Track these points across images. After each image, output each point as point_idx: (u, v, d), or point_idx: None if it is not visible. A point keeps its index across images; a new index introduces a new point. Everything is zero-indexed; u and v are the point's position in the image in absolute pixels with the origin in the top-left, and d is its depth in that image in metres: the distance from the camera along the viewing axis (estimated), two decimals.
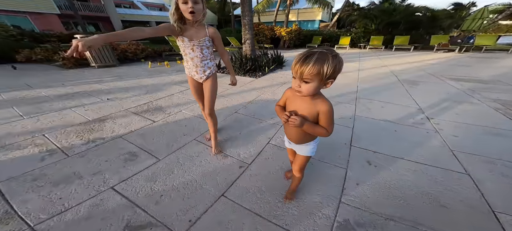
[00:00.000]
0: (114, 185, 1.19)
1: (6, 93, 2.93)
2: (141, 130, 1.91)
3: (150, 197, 1.12)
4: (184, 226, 0.95)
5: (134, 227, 0.94)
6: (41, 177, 1.25)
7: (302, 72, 0.70)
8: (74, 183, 1.20)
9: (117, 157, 1.47)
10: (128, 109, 2.40)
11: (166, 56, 7.76)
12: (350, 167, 1.40)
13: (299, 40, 12.00)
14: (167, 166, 1.39)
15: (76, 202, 1.06)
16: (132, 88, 3.33)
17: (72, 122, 2.05)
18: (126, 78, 4.10)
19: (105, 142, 1.67)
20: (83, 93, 3.02)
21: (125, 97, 2.83)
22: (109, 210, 1.02)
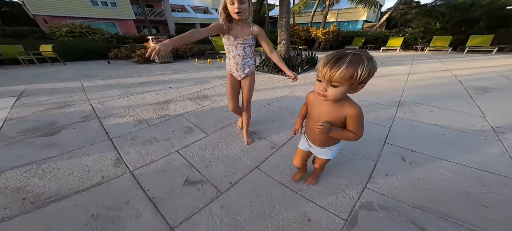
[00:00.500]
0: (178, 149, 1.51)
1: (107, 80, 3.89)
2: (194, 111, 2.27)
3: (202, 161, 1.38)
4: (226, 186, 1.16)
5: (191, 181, 1.20)
6: (135, 137, 1.69)
7: (331, 76, 0.61)
8: (154, 144, 1.58)
9: (179, 129, 1.83)
10: (184, 95, 2.85)
11: (208, 54, 8.51)
12: (380, 161, 1.36)
13: (336, 41, 10.87)
14: (213, 140, 1.65)
15: (156, 158, 1.42)
16: (185, 80, 3.89)
17: (149, 101, 2.60)
18: (180, 72, 4.77)
19: (171, 118, 2.09)
20: (153, 82, 3.71)
21: (181, 87, 3.34)
22: (175, 167, 1.33)
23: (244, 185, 1.17)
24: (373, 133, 1.73)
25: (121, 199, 1.06)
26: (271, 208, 1.02)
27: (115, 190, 1.12)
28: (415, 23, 10.00)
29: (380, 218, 0.96)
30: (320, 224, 0.94)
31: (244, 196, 1.09)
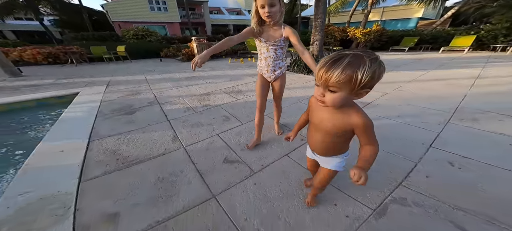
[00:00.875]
0: (219, 133, 1.73)
1: (162, 74, 4.59)
2: (230, 103, 2.49)
3: (238, 145, 1.55)
4: (259, 167, 1.28)
5: (229, 160, 1.37)
6: (185, 121, 2.01)
7: (327, 80, 0.53)
8: (199, 128, 1.85)
9: (219, 117, 2.07)
10: (221, 89, 3.13)
11: (241, 54, 8.85)
12: (422, 163, 1.27)
13: (379, 42, 9.31)
14: (247, 128, 1.80)
15: (202, 139, 1.66)
16: (221, 76, 4.22)
17: (194, 93, 2.99)
18: (216, 69, 5.17)
19: (211, 107, 2.36)
20: (196, 77, 4.17)
21: (218, 82, 3.66)
22: (216, 147, 1.53)
23: (274, 168, 1.28)
24: (416, 136, 1.59)
25: (178, 168, 1.31)
26: (298, 190, 1.10)
27: (173, 160, 1.39)
28: (496, 18, 7.58)
29: (413, 213, 0.93)
30: (346, 209, 0.97)
31: (274, 177, 1.20)
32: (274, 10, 1.05)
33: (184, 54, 7.85)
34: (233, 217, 0.94)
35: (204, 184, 1.16)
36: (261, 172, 1.25)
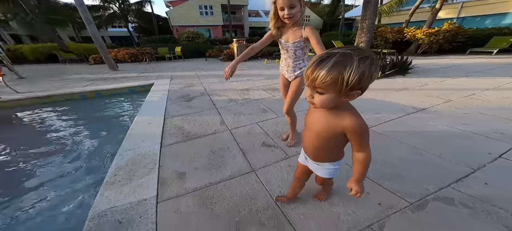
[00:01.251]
0: (258, 122, 1.92)
1: (208, 71, 5.22)
2: (268, 98, 2.66)
3: (275, 133, 1.68)
4: (293, 153, 1.38)
5: (266, 144, 1.52)
6: (230, 109, 2.29)
7: (313, 80, 0.49)
8: (241, 115, 2.09)
9: (257, 109, 2.27)
10: (258, 86, 3.35)
11: (276, 55, 8.94)
12: (482, 170, 1.13)
13: (452, 43, 7.08)
14: (283, 120, 1.92)
15: (243, 124, 1.88)
16: (258, 75, 4.45)
17: (235, 88, 3.31)
18: (253, 69, 5.45)
19: (251, 100, 2.60)
20: (236, 75, 4.51)
21: (255, 80, 3.91)
22: (256, 133, 1.71)
23: None
24: (481, 145, 1.38)
25: (225, 145, 1.56)
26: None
27: (222, 139, 1.65)
28: None
29: (459, 212, 0.87)
30: (380, 198, 0.97)
31: None
32: (293, 11, 0.99)
33: (225, 54, 8.60)
34: (269, 188, 1.08)
35: (245, 160, 1.35)
36: (295, 157, 1.35)
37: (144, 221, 0.89)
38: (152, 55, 8.94)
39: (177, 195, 1.06)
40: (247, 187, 1.11)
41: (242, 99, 2.67)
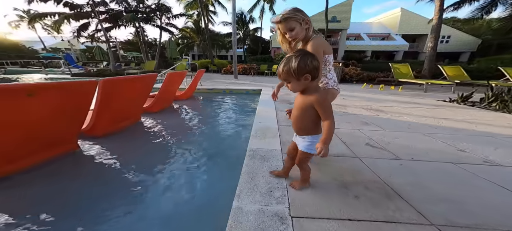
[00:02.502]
0: (358, 129, 2.14)
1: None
2: (369, 115, 2.75)
3: (382, 140, 1.80)
4: (407, 157, 1.44)
5: (370, 145, 1.70)
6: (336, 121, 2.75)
7: (280, 74, 0.82)
8: (340, 122, 2.39)
9: (357, 121, 2.46)
10: (356, 105, 3.45)
11: (381, 81, 7.89)
12: None
13: None
14: (393, 135, 1.97)
15: (342, 128, 2.18)
16: (354, 96, 4.53)
17: (335, 104, 3.60)
18: (347, 90, 5.46)
19: (348, 114, 2.85)
20: None
21: (352, 99, 4.03)
22: (358, 136, 1.93)
23: (426, 165, 1.37)
24: None
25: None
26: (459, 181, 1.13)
27: None
28: None
29: None
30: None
31: (423, 165, 1.33)
32: (294, 33, 1.07)
33: None
34: (375, 171, 1.29)
35: (349, 149, 1.64)
36: (409, 161, 1.43)
37: (276, 159, 1.51)
38: (256, 70, 11.93)
39: None
40: (351, 163, 1.39)
41: (338, 112, 2.96)
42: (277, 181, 1.16)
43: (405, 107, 3.48)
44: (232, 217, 0.87)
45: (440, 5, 8.07)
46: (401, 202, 1.00)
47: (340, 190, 1.10)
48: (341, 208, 0.95)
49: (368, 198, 1.02)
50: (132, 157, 1.75)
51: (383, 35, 23.64)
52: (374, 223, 0.86)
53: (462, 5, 9.39)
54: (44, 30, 20.81)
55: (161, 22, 14.99)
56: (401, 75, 7.27)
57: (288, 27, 1.06)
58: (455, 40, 21.62)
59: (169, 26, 15.79)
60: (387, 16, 25.17)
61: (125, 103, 2.27)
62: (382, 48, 21.97)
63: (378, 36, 23.79)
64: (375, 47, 22.07)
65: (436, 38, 8.47)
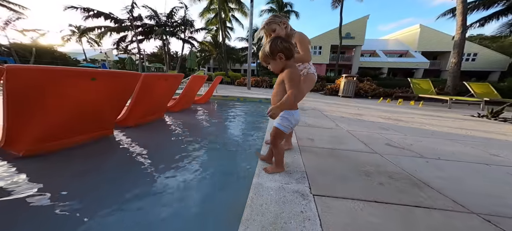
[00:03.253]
0: (376, 132, 2.08)
1: (311, 98, 6.11)
2: (387, 123, 2.68)
3: (403, 143, 1.72)
4: (434, 157, 1.39)
5: (391, 145, 1.62)
6: (342, 121, 2.68)
7: (261, 59, 1.01)
8: (356, 126, 2.36)
9: (375, 126, 2.41)
10: (373, 115, 3.41)
11: (399, 96, 7.62)
12: None
13: None
14: (411, 137, 1.89)
15: (360, 130, 2.13)
16: (371, 108, 4.47)
17: (345, 111, 3.68)
18: (362, 104, 5.40)
19: (365, 121, 2.80)
20: (343, 104, 4.91)
21: (369, 110, 3.99)
22: (376, 138, 1.86)
23: (456, 164, 1.28)
24: None
25: (344, 135, 1.92)
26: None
27: (339, 132, 2.04)
28: None
29: None
30: None
31: (452, 164, 1.25)
32: (275, 33, 1.26)
33: (328, 89, 9.16)
34: (399, 165, 1.24)
35: (367, 147, 1.61)
36: (437, 160, 1.37)
37: (294, 150, 1.57)
38: (268, 83, 12.23)
39: (310, 146, 1.65)
40: (371, 157, 1.36)
41: (355, 119, 2.92)
42: (295, 165, 1.17)
43: (428, 118, 3.33)
44: (253, 190, 0.90)
45: (463, 19, 7.88)
46: (432, 192, 0.96)
47: (362, 177, 1.08)
48: (365, 191, 0.93)
49: (394, 186, 0.99)
50: (155, 149, 1.86)
51: (400, 52, 23.19)
52: (404, 207, 0.83)
53: (488, 21, 9.07)
54: (88, 43, 24.13)
55: (184, 35, 16.50)
56: (421, 91, 6.96)
57: (271, 30, 1.27)
58: (483, 59, 20.39)
59: (191, 39, 17.31)
60: (405, 33, 24.90)
61: (156, 99, 2.49)
62: (400, 65, 21.38)
63: (395, 53, 23.37)
64: (392, 64, 21.58)
65: (459, 54, 8.13)
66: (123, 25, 14.23)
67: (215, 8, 17.77)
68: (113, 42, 15.26)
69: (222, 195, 1.13)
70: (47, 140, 1.50)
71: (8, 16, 17.74)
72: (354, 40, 20.11)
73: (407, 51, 22.44)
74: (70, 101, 1.46)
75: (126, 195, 1.08)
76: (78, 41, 21.82)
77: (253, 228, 0.68)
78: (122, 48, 16.04)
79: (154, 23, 15.17)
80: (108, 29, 13.89)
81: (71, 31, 22.31)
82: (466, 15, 7.90)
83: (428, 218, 0.77)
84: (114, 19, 13.85)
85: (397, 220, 0.74)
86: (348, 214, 0.77)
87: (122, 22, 14.15)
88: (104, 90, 1.64)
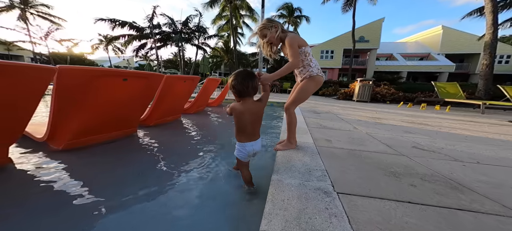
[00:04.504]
0: (402, 136, 1.95)
1: (325, 102, 6.00)
2: (412, 127, 2.51)
3: (432, 146, 1.58)
4: (469, 160, 1.26)
5: (418, 148, 1.47)
6: (360, 124, 2.57)
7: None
8: (376, 129, 2.24)
9: (401, 131, 2.28)
10: (393, 118, 3.22)
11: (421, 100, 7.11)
12: None
13: None
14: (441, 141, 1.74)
15: (381, 133, 2.02)
16: (390, 113, 4.25)
17: (363, 115, 3.52)
18: (382, 107, 5.12)
19: (385, 125, 2.65)
20: (358, 108, 4.77)
21: (388, 114, 3.82)
22: (401, 140, 1.72)
23: (501, 169, 1.13)
24: None
25: (363, 137, 1.82)
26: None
27: (358, 134, 1.94)
28: None
29: None
30: None
31: (496, 169, 1.11)
32: (267, 38, 1.30)
33: (342, 93, 8.87)
34: (431, 168, 1.13)
35: (390, 148, 1.51)
36: (476, 164, 1.23)
37: (310, 149, 1.48)
38: (278, 88, 12.23)
39: (328, 146, 1.58)
40: (397, 159, 1.25)
41: (373, 122, 2.77)
42: (315, 164, 1.13)
43: (458, 123, 3.06)
44: (273, 186, 0.88)
45: (493, 18, 7.24)
46: (475, 195, 0.86)
47: (389, 178, 1.00)
48: (396, 192, 0.86)
49: (429, 188, 0.91)
50: (175, 146, 1.96)
51: (421, 55, 21.86)
52: (446, 209, 0.75)
53: None
54: (113, 51, 26.64)
55: (198, 41, 17.36)
56: (448, 95, 6.42)
57: (263, 35, 1.32)
58: None
59: (204, 45, 18.15)
60: (425, 35, 23.50)
61: (175, 100, 2.62)
62: (420, 69, 20.08)
63: (415, 56, 22.08)
64: (412, 67, 20.33)
65: (491, 55, 7.41)
66: (144, 33, 15.46)
67: (227, 15, 18.51)
68: (133, 49, 16.55)
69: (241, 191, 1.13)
70: (83, 135, 1.64)
71: (49, 28, 20.32)
72: (369, 43, 19.45)
73: (429, 54, 21.10)
74: (105, 99, 1.59)
75: (150, 187, 1.14)
76: (105, 49, 24.09)
77: (276, 222, 0.65)
78: (142, 55, 17.29)
79: (171, 31, 16.22)
80: (132, 38, 15.26)
81: (99, 40, 24.67)
82: (497, 13, 7.26)
83: (476, 221, 0.68)
84: (136, 27, 15.13)
85: (439, 222, 0.67)
86: (378, 213, 0.71)
87: (143, 31, 15.39)
88: (133, 90, 1.77)
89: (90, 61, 26.19)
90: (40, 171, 1.27)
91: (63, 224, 0.85)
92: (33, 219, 0.86)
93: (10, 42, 21.80)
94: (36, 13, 19.39)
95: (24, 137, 1.69)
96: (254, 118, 1.02)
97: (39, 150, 1.57)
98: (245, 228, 0.87)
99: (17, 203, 0.97)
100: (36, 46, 20.71)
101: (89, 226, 0.83)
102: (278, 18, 21.40)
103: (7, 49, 23.14)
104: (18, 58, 24.31)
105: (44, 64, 1.14)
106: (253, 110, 1.01)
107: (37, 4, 19.30)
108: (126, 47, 15.67)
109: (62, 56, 23.42)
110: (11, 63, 0.98)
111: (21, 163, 1.36)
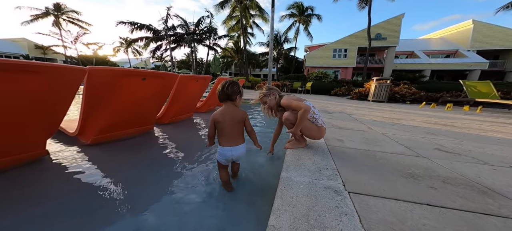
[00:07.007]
0: (422, 137, 1.82)
1: (338, 102, 5.81)
2: (436, 129, 2.34)
3: (457, 149, 1.47)
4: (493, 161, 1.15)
5: (441, 150, 1.37)
6: (376, 124, 2.44)
7: None
8: (392, 129, 2.12)
9: (421, 132, 2.14)
10: (413, 119, 3.03)
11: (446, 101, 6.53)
12: None
13: None
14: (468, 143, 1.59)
15: (398, 135, 1.90)
16: (410, 113, 4.04)
17: (379, 115, 3.35)
18: (398, 108, 4.84)
19: (403, 125, 2.51)
20: (374, 108, 4.54)
21: (408, 114, 3.59)
22: (421, 142, 1.63)
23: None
24: None
25: (378, 137, 1.73)
26: None
27: (373, 135, 1.85)
28: None
29: None
30: None
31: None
32: (267, 105, 1.50)
33: (355, 93, 8.48)
34: (455, 171, 1.04)
35: (409, 150, 1.43)
36: (508, 168, 1.12)
37: (321, 148, 1.46)
38: (289, 87, 12.07)
39: (340, 146, 1.53)
40: (416, 161, 1.17)
41: (390, 123, 2.62)
42: (325, 163, 1.11)
43: (490, 124, 2.78)
44: (282, 184, 0.89)
45: None
46: (507, 201, 0.79)
47: (406, 179, 0.95)
48: (413, 193, 0.82)
49: (451, 191, 0.85)
50: (189, 143, 2.05)
51: (447, 52, 20.01)
52: (470, 213, 0.70)
53: None
54: (132, 53, 28.63)
55: (209, 42, 17.84)
56: (479, 94, 5.81)
57: (263, 102, 1.54)
58: None
59: (215, 45, 18.58)
60: (452, 30, 21.48)
61: (188, 99, 2.74)
62: (447, 67, 18.37)
63: (441, 53, 20.27)
64: (436, 66, 18.68)
65: None
66: (160, 35, 16.33)
67: (237, 16, 18.72)
68: (150, 51, 17.55)
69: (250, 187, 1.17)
70: (108, 131, 1.79)
71: (78, 32, 22.39)
72: (386, 41, 18.28)
73: (457, 50, 19.26)
74: (126, 98, 1.73)
75: (164, 180, 1.23)
76: (125, 51, 25.84)
77: (284, 218, 0.66)
78: (158, 57, 18.24)
79: (183, 32, 16.90)
80: (150, 40, 16.18)
81: (120, 42, 26.56)
82: None
83: (505, 227, 0.63)
84: (153, 29, 16.03)
85: (460, 226, 0.63)
86: (392, 214, 0.68)
87: (158, 33, 16.25)
88: (151, 89, 1.89)
89: (112, 63, 28.33)
90: (72, 162, 1.42)
91: (90, 207, 0.95)
92: (64, 203, 0.98)
93: (47, 47, 24.37)
94: (67, 19, 21.46)
95: (58, 131, 1.90)
96: (232, 122, 1.10)
97: (70, 143, 1.74)
98: (253, 221, 0.89)
99: (53, 189, 1.10)
100: (67, 50, 22.95)
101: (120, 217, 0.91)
102: (289, 17, 21.10)
103: (43, 53, 25.91)
104: (52, 61, 27.09)
105: (77, 66, 1.28)
106: (232, 114, 1.10)
107: (68, 11, 21.34)
108: (145, 49, 16.76)
109: (89, 59, 25.63)
110: (52, 64, 1.11)
111: (55, 155, 1.53)
